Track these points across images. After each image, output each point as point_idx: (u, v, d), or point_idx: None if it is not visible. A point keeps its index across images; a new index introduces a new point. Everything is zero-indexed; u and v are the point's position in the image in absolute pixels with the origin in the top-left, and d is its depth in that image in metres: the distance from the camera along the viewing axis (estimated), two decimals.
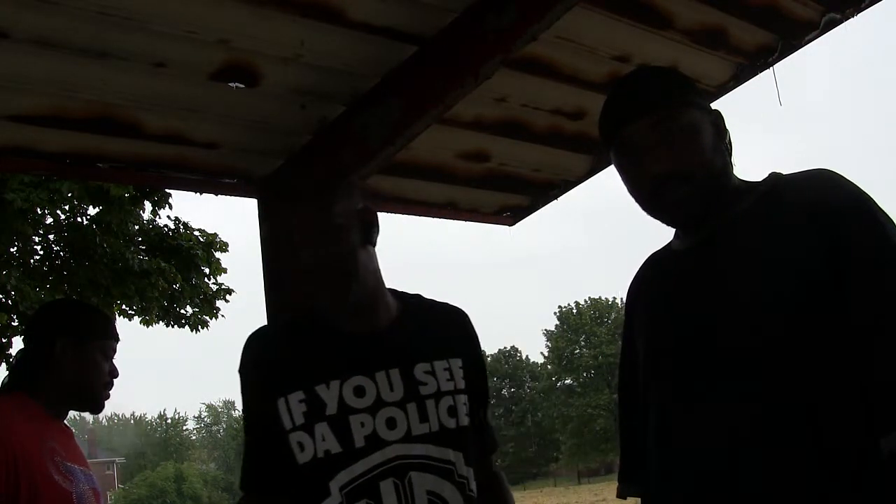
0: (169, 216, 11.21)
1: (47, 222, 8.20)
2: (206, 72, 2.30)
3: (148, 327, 8.69)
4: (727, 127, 1.50)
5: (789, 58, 2.81)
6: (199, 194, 2.93)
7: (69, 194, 7.50)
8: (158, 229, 8.69)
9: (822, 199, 1.35)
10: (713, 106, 1.53)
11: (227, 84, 2.36)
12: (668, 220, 1.50)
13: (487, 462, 1.75)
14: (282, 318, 2.20)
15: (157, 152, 2.63)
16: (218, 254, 9.01)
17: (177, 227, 8.78)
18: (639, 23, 2.50)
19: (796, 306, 1.30)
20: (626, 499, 1.61)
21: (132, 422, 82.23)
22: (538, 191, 3.50)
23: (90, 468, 2.19)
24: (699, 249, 1.46)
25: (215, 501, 61.44)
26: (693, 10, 2.53)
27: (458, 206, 3.44)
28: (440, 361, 1.64)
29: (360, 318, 1.63)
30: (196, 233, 8.89)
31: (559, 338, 59.87)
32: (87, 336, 2.14)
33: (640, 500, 1.54)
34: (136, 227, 8.46)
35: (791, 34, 2.74)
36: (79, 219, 8.19)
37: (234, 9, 2.09)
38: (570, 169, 3.36)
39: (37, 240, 8.29)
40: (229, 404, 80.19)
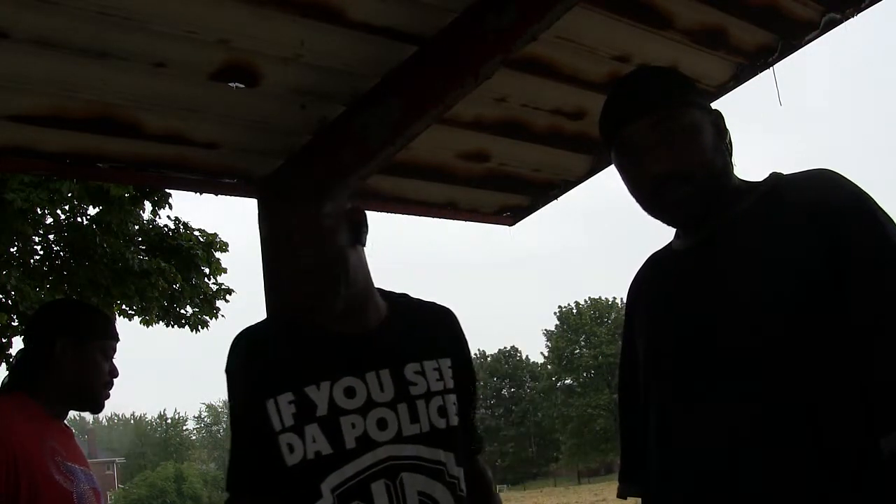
0: (169, 216, 11.18)
1: (47, 222, 8.20)
2: (206, 72, 2.30)
3: (148, 327, 8.70)
4: (727, 127, 1.50)
5: (789, 58, 2.81)
6: (199, 194, 2.93)
7: (69, 194, 7.50)
8: (158, 229, 8.68)
9: (822, 199, 1.35)
10: (713, 106, 1.53)
11: (227, 84, 2.36)
12: (668, 220, 1.50)
13: (473, 461, 1.75)
14: (270, 318, 2.19)
15: (157, 152, 2.63)
16: (218, 254, 9.01)
17: (177, 227, 8.78)
18: (639, 23, 2.50)
19: (796, 306, 1.30)
20: (626, 499, 1.61)
21: (132, 422, 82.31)
22: (538, 191, 3.50)
23: (90, 468, 2.19)
24: (699, 249, 1.46)
25: (215, 501, 61.34)
26: (693, 10, 2.53)
27: (458, 206, 3.44)
28: (430, 361, 1.63)
29: (350, 318, 1.63)
30: (196, 233, 8.88)
31: (559, 338, 59.91)
32: (87, 336, 2.14)
33: (640, 500, 1.54)
34: (136, 227, 8.46)
35: (791, 34, 2.74)
36: (79, 219, 8.18)
37: (234, 9, 2.09)
38: (570, 169, 3.36)
39: (37, 240, 8.29)
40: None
